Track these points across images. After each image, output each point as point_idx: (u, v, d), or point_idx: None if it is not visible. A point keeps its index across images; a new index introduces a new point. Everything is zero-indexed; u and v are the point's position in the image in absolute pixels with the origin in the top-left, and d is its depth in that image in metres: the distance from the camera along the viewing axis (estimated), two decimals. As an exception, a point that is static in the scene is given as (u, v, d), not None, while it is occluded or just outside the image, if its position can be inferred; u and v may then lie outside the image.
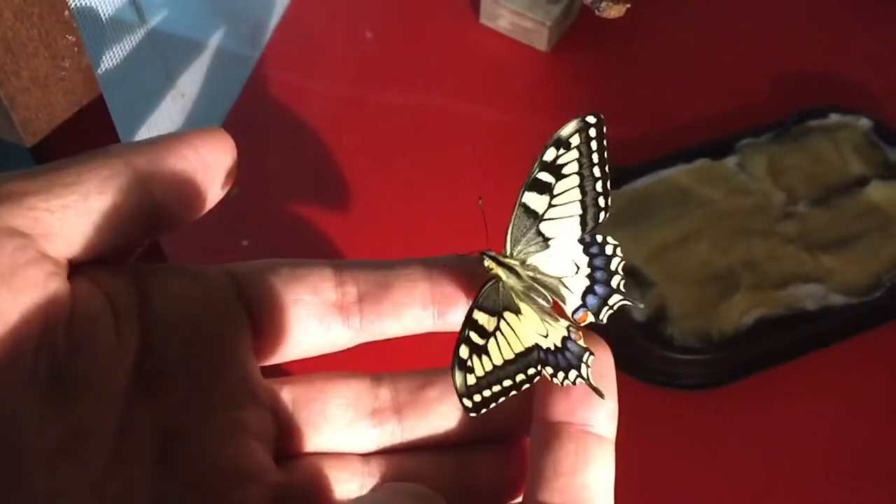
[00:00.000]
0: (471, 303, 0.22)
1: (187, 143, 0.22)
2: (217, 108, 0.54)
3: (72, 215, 0.20)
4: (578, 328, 0.23)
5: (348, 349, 0.24)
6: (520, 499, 0.25)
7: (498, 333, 0.22)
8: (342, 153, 0.52)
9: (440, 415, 0.24)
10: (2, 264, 0.18)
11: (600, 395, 0.21)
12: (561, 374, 0.22)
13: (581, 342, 0.23)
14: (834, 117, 0.51)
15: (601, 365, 0.21)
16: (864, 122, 0.51)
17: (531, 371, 0.22)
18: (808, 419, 0.42)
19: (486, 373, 0.22)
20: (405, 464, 0.24)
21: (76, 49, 0.25)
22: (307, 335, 0.23)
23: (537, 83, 0.55)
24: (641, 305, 0.23)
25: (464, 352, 0.21)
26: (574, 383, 0.22)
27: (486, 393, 0.21)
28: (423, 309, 0.24)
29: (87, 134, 0.27)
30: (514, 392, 0.22)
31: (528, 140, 0.52)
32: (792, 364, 0.44)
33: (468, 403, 0.21)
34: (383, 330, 0.24)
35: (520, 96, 0.55)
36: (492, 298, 0.22)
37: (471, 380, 0.21)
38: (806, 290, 0.45)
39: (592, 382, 0.22)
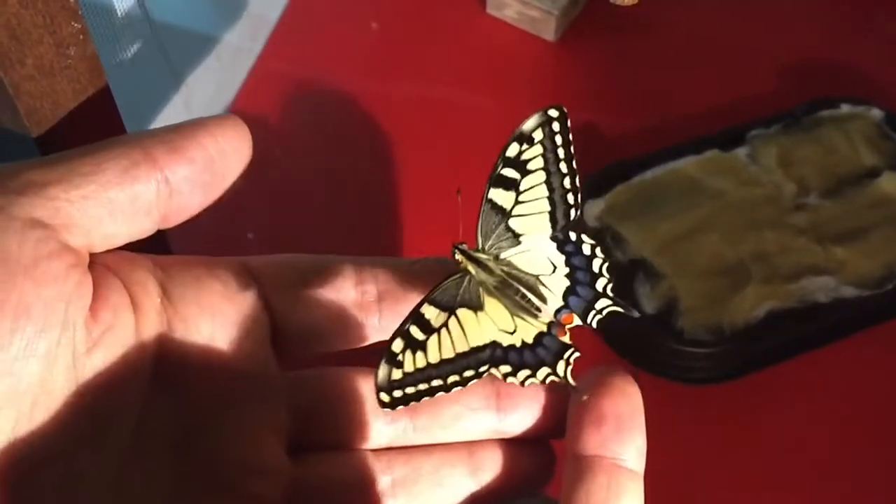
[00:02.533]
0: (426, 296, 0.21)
1: (205, 130, 0.21)
2: (220, 99, 0.53)
3: (91, 206, 0.20)
4: (563, 328, 0.22)
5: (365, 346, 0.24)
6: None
7: (443, 330, 0.21)
8: (347, 144, 0.52)
9: (452, 414, 0.24)
10: (25, 256, 0.18)
11: (576, 390, 0.21)
12: (523, 373, 0.21)
13: (566, 339, 0.22)
14: (845, 108, 0.50)
15: (629, 402, 0.20)
16: (876, 113, 0.50)
17: (468, 373, 0.21)
18: (821, 413, 0.42)
19: (416, 370, 0.21)
20: (417, 459, 0.24)
21: (81, 37, 0.25)
22: (325, 333, 0.23)
23: (544, 73, 0.55)
24: (637, 314, 0.22)
25: (397, 345, 0.20)
26: (544, 382, 0.21)
27: (410, 390, 0.21)
28: None
29: (92, 123, 0.26)
30: (440, 393, 0.21)
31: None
32: (803, 357, 0.43)
33: (385, 398, 0.20)
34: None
35: (527, 86, 0.54)
36: (450, 293, 0.22)
37: (396, 374, 0.20)
38: (818, 283, 0.44)
39: (570, 380, 0.21)
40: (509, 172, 0.22)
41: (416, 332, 0.21)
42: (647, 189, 0.47)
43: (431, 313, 0.21)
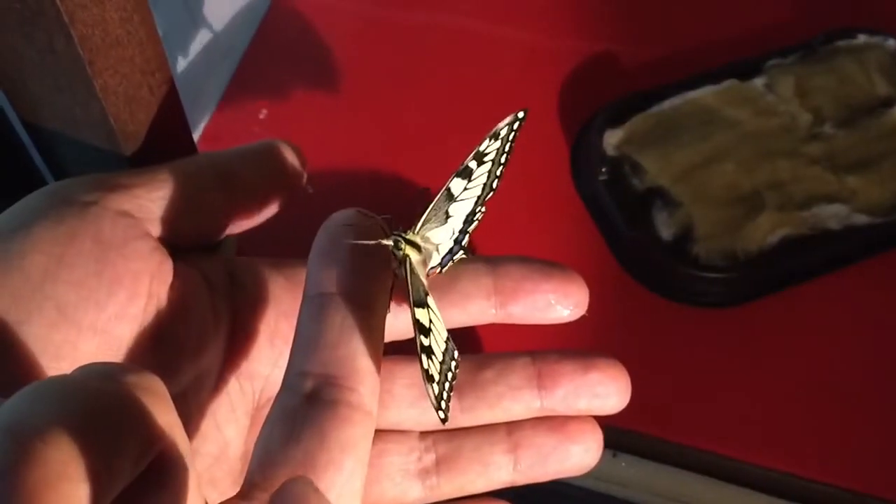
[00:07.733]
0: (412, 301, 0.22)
1: (266, 150, 0.26)
2: (241, 31, 0.54)
3: (168, 205, 0.24)
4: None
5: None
6: None
7: (432, 326, 0.22)
8: (365, 75, 0.52)
9: (496, 394, 0.27)
10: (116, 236, 0.22)
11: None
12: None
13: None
14: (862, 38, 0.51)
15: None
16: (892, 43, 0.51)
17: (450, 346, 0.23)
18: (831, 335, 0.43)
19: (438, 372, 0.22)
20: (459, 439, 0.27)
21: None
22: None
23: (562, 1, 0.55)
24: (472, 256, 0.25)
25: (425, 362, 0.21)
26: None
27: (446, 390, 0.22)
28: (486, 300, 0.26)
29: (136, 53, 0.27)
30: (456, 374, 0.22)
31: (553, 60, 0.52)
32: (815, 282, 0.44)
33: (442, 416, 0.22)
34: (449, 319, 0.26)
35: (544, 16, 0.54)
36: (416, 287, 0.23)
37: (436, 389, 0.21)
38: (830, 210, 0.45)
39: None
40: (472, 164, 0.24)
41: (424, 340, 0.22)
42: (666, 118, 0.48)
43: (422, 315, 0.22)
